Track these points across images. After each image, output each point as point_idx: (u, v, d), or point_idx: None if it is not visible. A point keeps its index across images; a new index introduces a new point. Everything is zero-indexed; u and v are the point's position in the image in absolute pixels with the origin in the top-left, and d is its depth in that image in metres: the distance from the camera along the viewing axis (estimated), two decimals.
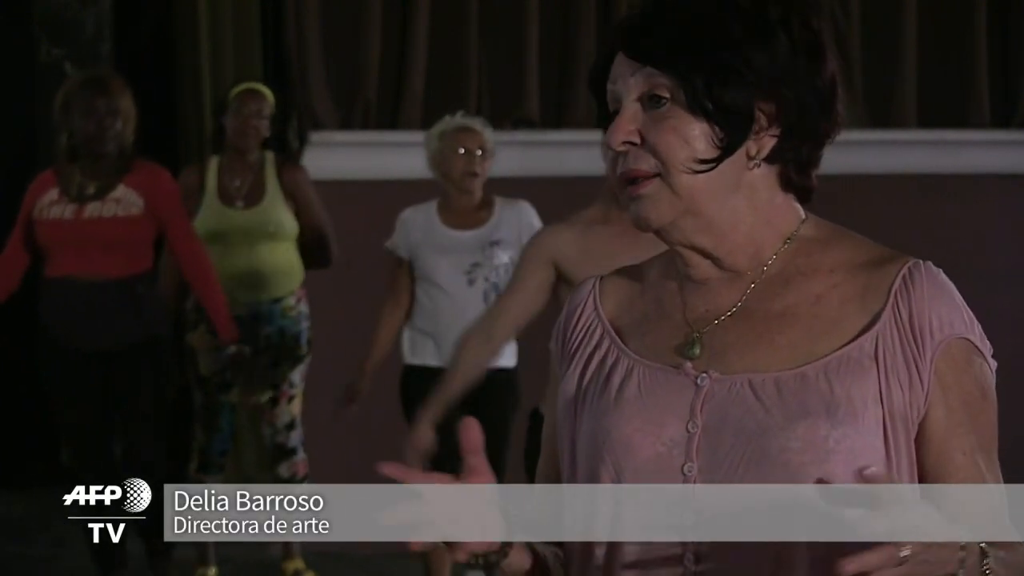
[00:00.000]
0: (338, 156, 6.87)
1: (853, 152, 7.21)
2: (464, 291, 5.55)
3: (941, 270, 1.78)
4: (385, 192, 6.77)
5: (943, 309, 1.75)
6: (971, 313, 1.77)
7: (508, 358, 5.49)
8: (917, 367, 1.73)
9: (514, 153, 6.80)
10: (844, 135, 1.85)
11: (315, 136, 7.00)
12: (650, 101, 1.76)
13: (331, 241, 6.04)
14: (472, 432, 1.73)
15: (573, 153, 6.77)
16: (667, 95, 1.75)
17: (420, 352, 5.64)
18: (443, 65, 7.20)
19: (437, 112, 7.03)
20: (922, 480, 1.75)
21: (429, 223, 5.65)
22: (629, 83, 1.77)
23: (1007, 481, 1.77)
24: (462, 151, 5.60)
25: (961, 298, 1.77)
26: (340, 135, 7.06)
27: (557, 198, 6.57)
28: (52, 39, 7.46)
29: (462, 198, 5.63)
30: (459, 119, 5.75)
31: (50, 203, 5.33)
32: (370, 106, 7.15)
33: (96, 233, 5.29)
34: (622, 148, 1.76)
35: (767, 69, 1.75)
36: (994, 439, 1.78)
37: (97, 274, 5.31)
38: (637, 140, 1.76)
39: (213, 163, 5.96)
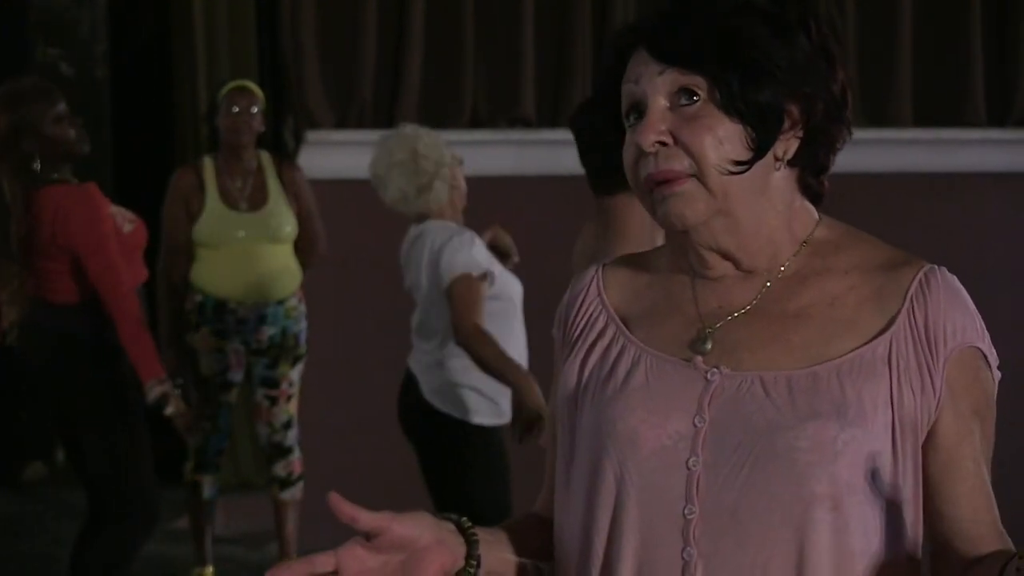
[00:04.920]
0: (334, 155, 6.87)
1: (848, 151, 7.17)
2: None
3: (955, 277, 1.79)
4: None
5: (958, 316, 1.75)
6: (983, 322, 1.78)
7: None
8: (930, 372, 1.74)
9: (509, 152, 6.81)
10: None
11: (311, 135, 7.01)
12: (681, 99, 1.75)
13: (321, 241, 6.05)
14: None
15: (568, 152, 6.73)
16: (701, 93, 1.74)
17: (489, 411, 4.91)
18: (439, 64, 7.20)
19: (433, 111, 7.05)
20: (927, 485, 1.76)
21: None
22: (656, 82, 1.76)
23: (1010, 482, 1.78)
24: (462, 184, 5.03)
25: (974, 306, 1.78)
26: (336, 134, 7.06)
27: (552, 197, 6.58)
28: (48, 39, 7.46)
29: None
30: (429, 132, 5.08)
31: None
32: (366, 105, 7.15)
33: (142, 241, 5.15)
34: (653, 149, 1.76)
35: (793, 69, 1.75)
36: (992, 449, 1.79)
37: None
38: (669, 140, 1.75)
39: (208, 164, 5.94)
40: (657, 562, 1.75)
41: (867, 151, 7.30)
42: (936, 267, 1.78)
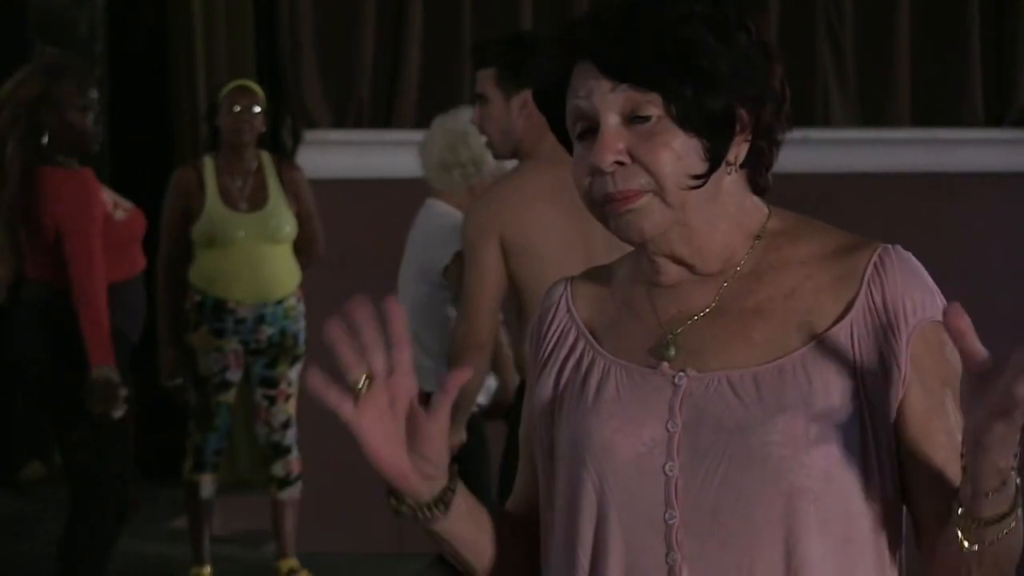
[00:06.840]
0: (332, 155, 6.87)
1: (847, 150, 7.22)
2: None
3: (911, 254, 1.77)
4: (378, 191, 6.78)
5: (916, 293, 1.74)
6: (943, 296, 1.76)
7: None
8: (893, 352, 1.72)
9: None
10: (838, 133, 1.86)
11: (309, 135, 7.01)
12: (635, 115, 1.73)
13: (319, 241, 6.05)
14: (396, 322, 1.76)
15: None
16: (656, 110, 1.72)
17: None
18: (437, 64, 7.20)
19: (431, 111, 7.04)
20: (902, 463, 1.75)
21: None
22: (608, 100, 1.74)
23: None
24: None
25: (932, 281, 1.76)
26: (334, 134, 7.07)
27: None
28: (46, 39, 7.45)
29: None
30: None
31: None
32: (364, 105, 7.15)
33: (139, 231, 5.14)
34: (611, 169, 1.73)
35: (738, 73, 1.73)
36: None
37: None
38: (627, 159, 1.73)
39: (209, 163, 5.93)
40: (643, 570, 1.74)
41: (864, 151, 7.31)
42: (891, 246, 1.77)
